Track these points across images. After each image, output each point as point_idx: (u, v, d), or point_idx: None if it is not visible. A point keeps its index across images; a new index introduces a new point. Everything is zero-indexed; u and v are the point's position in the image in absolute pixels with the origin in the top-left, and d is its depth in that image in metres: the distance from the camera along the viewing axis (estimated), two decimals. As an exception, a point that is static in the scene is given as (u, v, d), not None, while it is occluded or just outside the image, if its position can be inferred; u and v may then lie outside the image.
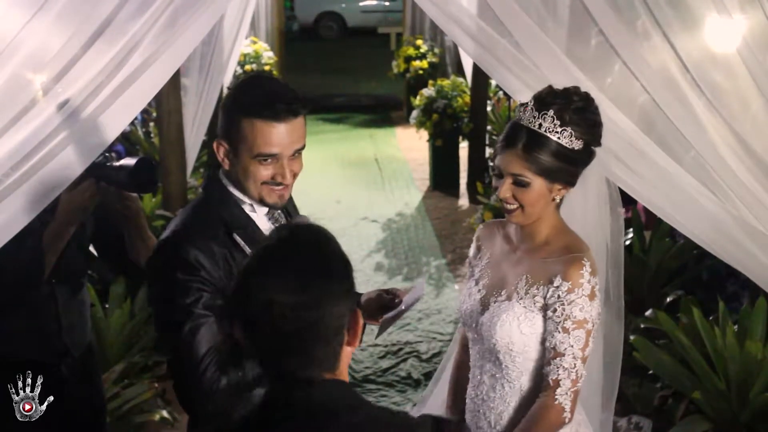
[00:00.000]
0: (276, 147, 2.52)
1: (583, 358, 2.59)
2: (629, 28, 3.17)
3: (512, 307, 2.66)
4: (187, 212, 2.66)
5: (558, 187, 2.65)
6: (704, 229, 3.25)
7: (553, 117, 2.57)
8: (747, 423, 4.02)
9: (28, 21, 2.69)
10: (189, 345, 2.46)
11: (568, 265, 2.60)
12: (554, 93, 2.63)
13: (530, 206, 2.64)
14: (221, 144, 2.58)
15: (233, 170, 2.59)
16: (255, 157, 2.53)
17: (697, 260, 5.57)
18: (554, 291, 2.59)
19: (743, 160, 3.19)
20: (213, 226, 2.56)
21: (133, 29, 2.80)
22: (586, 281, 2.58)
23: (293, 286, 1.71)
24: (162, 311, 2.54)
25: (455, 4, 3.24)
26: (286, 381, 1.76)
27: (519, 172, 2.60)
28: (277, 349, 1.74)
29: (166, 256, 2.54)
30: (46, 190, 2.84)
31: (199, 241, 2.51)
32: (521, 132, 2.60)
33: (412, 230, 8.62)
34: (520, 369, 2.67)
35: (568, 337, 2.57)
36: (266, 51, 11.21)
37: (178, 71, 5.69)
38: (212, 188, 2.66)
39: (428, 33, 12.65)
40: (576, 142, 2.59)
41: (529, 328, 2.63)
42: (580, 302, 2.57)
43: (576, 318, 2.57)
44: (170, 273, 2.49)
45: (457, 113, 9.38)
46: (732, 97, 3.22)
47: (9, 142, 2.75)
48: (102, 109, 2.80)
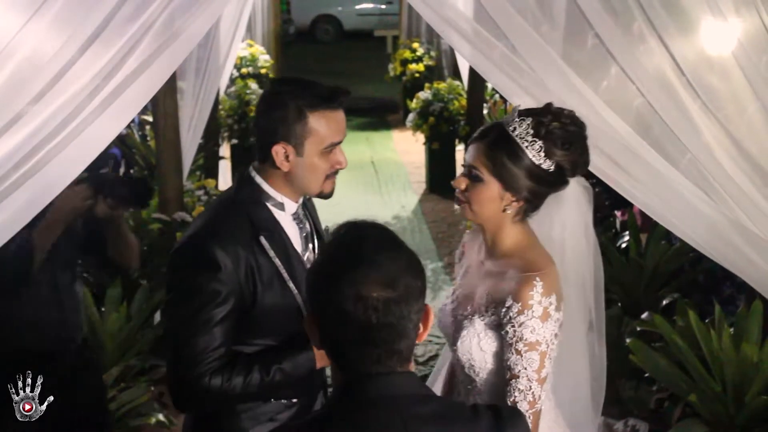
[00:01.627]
0: (341, 134, 2.63)
1: (539, 380, 2.49)
2: (625, 31, 3.18)
3: (473, 323, 2.59)
4: (215, 210, 2.68)
5: (510, 197, 2.57)
6: (700, 232, 3.25)
7: (528, 125, 2.54)
8: (743, 425, 4.02)
9: (25, 24, 2.69)
10: (193, 341, 2.49)
11: (519, 285, 2.50)
12: (546, 108, 2.60)
13: (477, 204, 2.60)
14: (282, 146, 2.58)
15: (293, 169, 2.61)
16: (325, 149, 2.59)
17: (693, 263, 5.57)
18: (506, 311, 2.51)
19: (739, 163, 3.20)
20: (240, 227, 2.59)
21: (129, 32, 2.81)
22: (537, 302, 2.48)
23: (384, 282, 1.77)
24: (177, 306, 2.56)
25: (451, 7, 3.24)
26: (362, 374, 1.81)
27: (477, 165, 2.57)
28: (361, 343, 1.78)
29: (190, 253, 2.57)
30: (44, 191, 2.84)
31: (224, 241, 2.53)
32: (494, 129, 2.59)
33: (409, 233, 8.63)
34: (486, 384, 2.62)
35: (521, 359, 2.48)
36: (263, 54, 11.22)
37: (175, 74, 5.68)
38: (244, 187, 2.68)
39: (425, 36, 12.66)
40: (545, 159, 2.54)
41: (488, 345, 2.57)
42: (531, 324, 2.47)
43: (527, 340, 2.48)
44: (190, 270, 2.53)
45: (454, 116, 9.39)
46: (727, 100, 3.22)
47: (6, 144, 2.75)
48: (98, 112, 2.80)
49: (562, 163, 2.57)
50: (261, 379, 2.54)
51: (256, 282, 2.56)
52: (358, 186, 10.21)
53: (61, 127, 2.75)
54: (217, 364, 2.51)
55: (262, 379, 2.54)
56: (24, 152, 2.73)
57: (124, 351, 4.85)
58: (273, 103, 2.61)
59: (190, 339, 2.49)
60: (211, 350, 2.50)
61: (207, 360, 2.50)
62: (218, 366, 2.51)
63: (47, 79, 2.73)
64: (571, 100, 3.11)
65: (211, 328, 2.50)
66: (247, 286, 2.55)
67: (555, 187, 2.62)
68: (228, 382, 2.51)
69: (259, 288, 2.57)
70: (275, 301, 2.60)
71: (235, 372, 2.52)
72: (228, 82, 9.24)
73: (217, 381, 2.50)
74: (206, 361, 2.49)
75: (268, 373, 2.55)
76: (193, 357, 2.49)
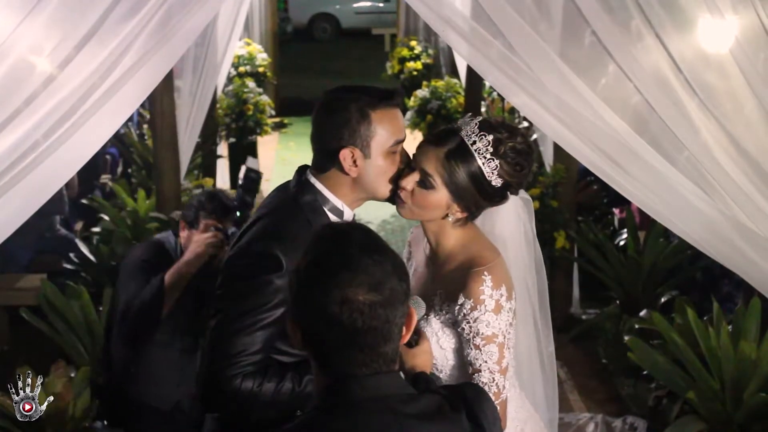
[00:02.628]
0: (404, 131, 2.61)
1: (501, 370, 2.53)
2: (622, 29, 3.18)
3: (430, 322, 2.61)
4: (276, 215, 2.63)
5: (456, 208, 2.59)
6: (697, 230, 3.25)
7: (489, 142, 2.53)
8: (741, 423, 4.02)
9: (20, 23, 2.69)
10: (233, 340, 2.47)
11: (468, 281, 2.52)
12: (504, 124, 2.60)
13: (420, 207, 2.59)
14: (350, 151, 2.55)
15: (361, 175, 2.58)
16: (390, 147, 2.57)
17: (691, 261, 5.57)
18: (459, 308, 2.53)
19: (736, 161, 3.20)
20: (302, 233, 2.51)
21: (125, 30, 2.80)
22: (488, 296, 2.50)
23: (370, 285, 1.77)
24: (227, 302, 2.52)
25: (449, 6, 3.24)
26: (348, 375, 1.81)
27: (431, 172, 2.56)
28: (346, 346, 1.78)
29: (255, 254, 2.53)
30: (40, 190, 2.84)
31: (287, 245, 2.49)
32: (453, 138, 2.56)
33: (407, 231, 8.58)
34: (450, 379, 2.64)
35: (480, 353, 2.52)
36: (260, 53, 11.19)
37: (172, 73, 5.68)
38: (306, 192, 2.64)
39: (422, 34, 12.65)
40: (496, 177, 2.55)
41: (447, 343, 2.59)
42: (485, 318, 2.50)
43: (484, 334, 2.51)
44: (253, 270, 2.50)
45: (452, 114, 9.38)
46: (725, 97, 3.22)
47: (2, 142, 2.75)
48: (95, 110, 2.80)
49: (512, 183, 2.60)
50: (292, 389, 2.51)
51: None
52: (356, 184, 10.21)
53: (57, 125, 2.75)
54: (251, 368, 2.48)
55: (293, 388, 2.52)
56: (19, 152, 2.73)
57: (121, 350, 4.84)
58: (335, 108, 2.57)
59: (232, 338, 2.47)
60: (249, 353, 2.47)
61: (243, 362, 2.47)
62: (252, 370, 2.48)
63: (42, 78, 2.73)
64: (569, 98, 3.11)
65: (255, 331, 2.47)
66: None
67: (497, 202, 2.64)
68: (259, 387, 2.48)
69: None
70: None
71: (267, 378, 2.49)
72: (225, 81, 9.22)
73: (248, 384, 2.47)
74: (242, 363, 2.47)
75: (300, 383, 2.52)
76: (229, 356, 2.47)
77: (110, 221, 6.25)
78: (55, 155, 2.78)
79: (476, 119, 2.58)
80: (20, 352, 4.67)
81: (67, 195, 6.35)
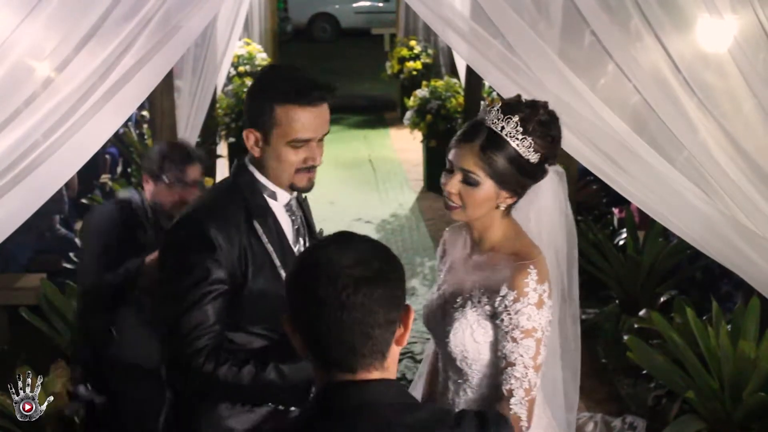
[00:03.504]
0: (309, 132, 2.60)
1: (535, 366, 2.53)
2: (621, 29, 3.18)
3: (465, 314, 2.61)
4: (212, 194, 2.72)
5: (505, 195, 2.60)
6: (696, 229, 3.25)
7: (516, 123, 2.53)
8: (740, 422, 4.03)
9: (21, 22, 2.69)
10: (186, 317, 2.50)
11: (514, 273, 2.53)
12: (522, 102, 2.60)
13: (473, 206, 2.60)
14: (251, 132, 2.62)
15: (264, 157, 2.64)
16: (289, 143, 2.60)
17: (690, 260, 5.57)
18: (501, 300, 2.53)
19: (735, 160, 3.20)
20: (235, 211, 2.61)
21: (125, 30, 2.81)
22: (532, 289, 2.51)
23: (357, 260, 1.77)
24: (171, 283, 2.57)
25: (448, 6, 3.25)
26: (336, 379, 1.79)
27: (472, 169, 2.56)
28: (335, 331, 1.76)
29: (186, 231, 2.59)
30: (40, 190, 2.84)
31: (219, 221, 2.56)
32: (482, 130, 2.56)
33: (406, 231, 8.63)
34: (479, 376, 2.63)
35: (518, 346, 2.51)
36: (260, 52, 11.20)
37: (171, 73, 5.68)
38: (240, 175, 2.69)
39: (422, 34, 12.65)
40: (533, 154, 2.55)
41: (482, 336, 2.59)
42: (527, 311, 2.50)
43: (524, 327, 2.51)
44: (186, 247, 2.55)
45: (451, 114, 9.37)
46: (724, 97, 3.23)
47: (2, 142, 2.75)
48: (95, 110, 2.80)
49: (548, 155, 2.60)
50: (255, 373, 2.53)
51: (248, 264, 2.58)
52: (355, 184, 10.21)
53: (57, 125, 2.75)
54: (211, 342, 2.51)
55: (256, 372, 2.53)
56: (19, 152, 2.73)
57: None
58: (251, 89, 2.65)
59: (184, 315, 2.51)
60: (205, 327, 2.50)
61: (201, 337, 2.50)
62: (213, 345, 2.51)
63: (42, 79, 2.73)
64: (568, 98, 3.12)
65: (205, 305, 2.51)
66: (239, 267, 2.57)
67: (540, 177, 2.65)
68: (221, 366, 2.50)
69: (251, 270, 2.58)
70: (266, 286, 2.61)
71: (231, 360, 2.52)
72: (225, 81, 9.22)
73: (210, 365, 2.50)
74: (200, 338, 2.50)
75: (264, 369, 2.54)
76: (186, 333, 2.50)
77: (110, 221, 6.24)
78: (55, 155, 2.78)
79: (496, 105, 2.58)
80: (20, 351, 4.66)
81: (66, 194, 6.35)
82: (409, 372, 5.81)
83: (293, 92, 2.56)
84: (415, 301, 6.89)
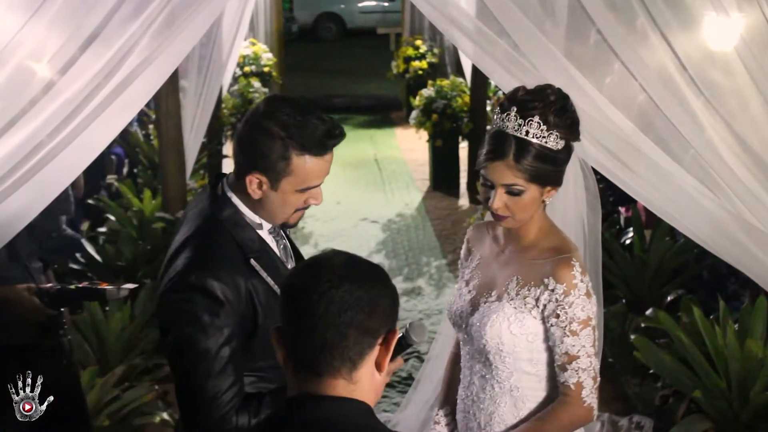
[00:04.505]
0: (321, 179, 2.51)
1: (595, 353, 2.62)
2: (627, 27, 3.17)
3: (502, 307, 2.65)
4: (200, 238, 2.51)
5: (548, 189, 2.64)
6: (703, 228, 3.24)
7: (539, 123, 2.54)
8: (747, 422, 4.02)
9: (26, 23, 2.69)
10: (209, 384, 2.39)
11: (558, 267, 2.59)
12: (532, 95, 2.60)
13: (522, 212, 2.62)
14: (257, 177, 2.45)
15: (265, 200, 2.50)
16: (301, 189, 2.48)
17: (697, 259, 5.56)
18: (550, 294, 2.58)
19: (742, 159, 3.19)
20: (231, 254, 2.46)
21: (130, 30, 2.81)
22: (579, 281, 2.57)
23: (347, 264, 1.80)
24: (182, 349, 2.42)
25: (454, 5, 3.24)
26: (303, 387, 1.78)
27: (512, 182, 2.58)
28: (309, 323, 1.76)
29: (188, 291, 2.40)
30: (46, 190, 2.84)
31: (221, 272, 2.41)
32: (508, 141, 2.56)
33: (413, 231, 8.62)
34: (509, 369, 2.67)
35: (578, 338, 2.58)
36: (265, 52, 11.21)
37: (177, 73, 5.69)
38: (224, 208, 2.54)
39: (427, 33, 12.64)
40: (560, 142, 2.58)
41: (518, 329, 2.62)
42: (580, 302, 2.57)
43: (580, 318, 2.57)
44: (192, 310, 2.39)
45: (457, 113, 9.37)
46: (730, 95, 3.22)
47: (9, 142, 2.75)
48: (100, 110, 2.80)
49: (570, 139, 2.64)
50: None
51: (256, 306, 2.47)
52: (361, 184, 10.21)
53: (62, 125, 2.75)
54: (237, 401, 2.42)
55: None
56: (25, 152, 2.73)
57: (128, 350, 4.85)
58: (261, 130, 2.44)
59: (205, 382, 2.39)
60: (227, 389, 2.40)
61: (227, 400, 2.40)
62: (239, 402, 2.42)
63: (47, 79, 2.73)
64: (574, 96, 3.10)
65: (224, 366, 2.39)
66: (248, 312, 2.46)
67: (569, 158, 2.69)
68: (256, 419, 2.41)
69: (260, 312, 2.48)
70: (275, 321, 2.53)
71: (262, 409, 2.44)
72: (231, 81, 9.23)
73: (244, 419, 2.41)
74: (226, 401, 2.40)
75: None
76: (210, 401, 2.39)
77: (116, 221, 6.27)
78: (61, 155, 2.78)
79: (511, 110, 2.58)
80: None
81: (73, 195, 6.36)
82: (416, 372, 5.80)
83: (314, 143, 2.43)
84: (420, 301, 6.89)
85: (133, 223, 6.19)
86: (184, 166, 6.20)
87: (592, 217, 3.11)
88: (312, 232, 8.36)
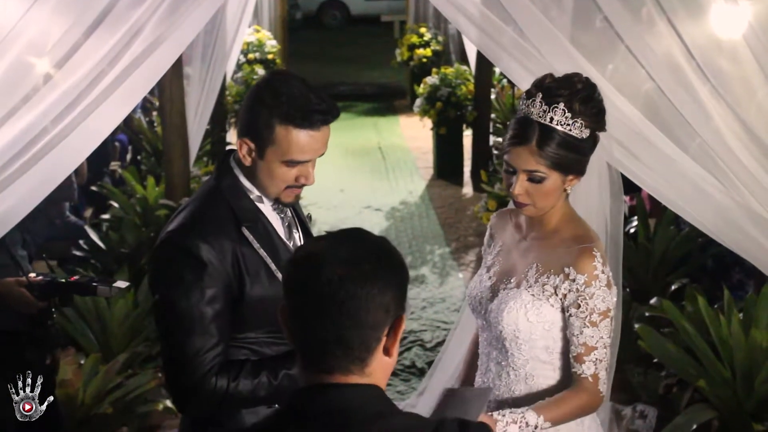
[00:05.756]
0: (307, 154, 2.50)
1: (610, 344, 2.63)
2: (634, 14, 3.15)
3: (520, 294, 2.65)
4: (197, 203, 2.59)
5: (571, 178, 2.63)
6: (709, 217, 3.23)
7: (564, 110, 2.54)
8: (752, 411, 4.01)
9: (29, 8, 2.68)
10: (189, 341, 2.42)
11: (579, 257, 2.58)
12: (559, 83, 2.59)
13: (544, 200, 2.62)
14: (246, 142, 2.51)
15: (254, 168, 2.54)
16: (284, 162, 2.50)
17: (702, 248, 5.55)
18: (570, 284, 2.58)
19: (749, 147, 3.18)
20: (223, 219, 2.52)
21: (134, 16, 2.79)
22: (600, 271, 2.57)
23: (349, 257, 1.72)
24: (166, 306, 2.48)
25: (459, -9, 3.22)
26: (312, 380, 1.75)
27: (534, 168, 2.57)
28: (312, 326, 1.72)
29: (174, 251, 2.48)
30: (49, 177, 2.84)
31: (209, 235, 2.46)
32: (532, 127, 2.56)
33: (416, 219, 8.62)
34: (525, 357, 2.67)
35: (597, 330, 2.58)
36: (269, 39, 11.19)
37: (181, 60, 5.67)
38: (224, 177, 2.60)
39: (432, 21, 12.62)
40: (585, 131, 2.58)
41: (535, 317, 2.63)
42: (601, 293, 2.57)
43: (601, 309, 2.58)
44: (176, 270, 2.45)
45: (461, 101, 9.35)
46: (737, 83, 3.20)
47: (11, 129, 2.75)
48: (104, 97, 2.79)
49: (595, 129, 2.63)
50: (269, 383, 2.48)
51: (243, 274, 2.50)
52: (365, 172, 10.20)
53: (66, 112, 2.74)
54: (218, 362, 2.45)
55: (270, 383, 2.48)
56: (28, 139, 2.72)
57: (131, 338, 4.86)
58: (253, 97, 2.52)
59: (186, 340, 2.43)
60: (209, 349, 2.43)
61: (207, 360, 2.43)
62: (219, 364, 2.45)
63: (51, 65, 2.72)
64: (580, 84, 3.09)
65: (206, 326, 2.43)
66: (234, 278, 2.49)
67: (594, 148, 2.69)
68: (234, 383, 2.45)
69: (247, 280, 2.50)
70: (263, 292, 2.52)
71: (242, 374, 2.46)
72: (235, 68, 9.22)
73: (223, 382, 2.44)
74: (206, 361, 2.43)
75: (276, 377, 2.49)
76: (192, 359, 2.42)
77: (120, 208, 6.27)
78: (64, 142, 2.77)
79: (537, 96, 2.57)
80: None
81: (76, 182, 6.36)
82: (419, 360, 5.82)
83: (298, 114, 2.45)
84: (425, 289, 6.89)
85: (137, 210, 6.19)
86: (187, 153, 6.19)
87: (615, 208, 3.11)
88: (315, 220, 8.33)
